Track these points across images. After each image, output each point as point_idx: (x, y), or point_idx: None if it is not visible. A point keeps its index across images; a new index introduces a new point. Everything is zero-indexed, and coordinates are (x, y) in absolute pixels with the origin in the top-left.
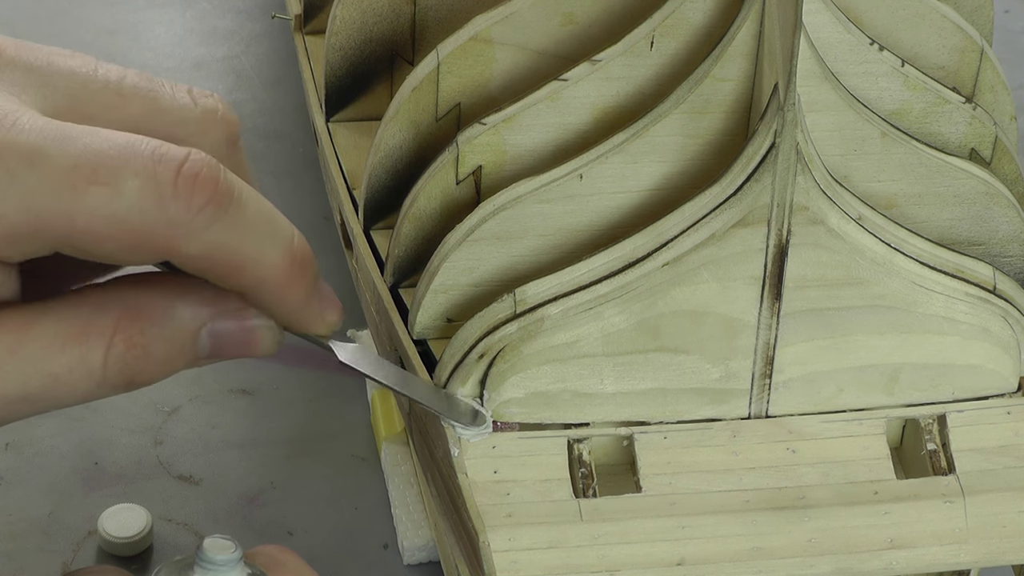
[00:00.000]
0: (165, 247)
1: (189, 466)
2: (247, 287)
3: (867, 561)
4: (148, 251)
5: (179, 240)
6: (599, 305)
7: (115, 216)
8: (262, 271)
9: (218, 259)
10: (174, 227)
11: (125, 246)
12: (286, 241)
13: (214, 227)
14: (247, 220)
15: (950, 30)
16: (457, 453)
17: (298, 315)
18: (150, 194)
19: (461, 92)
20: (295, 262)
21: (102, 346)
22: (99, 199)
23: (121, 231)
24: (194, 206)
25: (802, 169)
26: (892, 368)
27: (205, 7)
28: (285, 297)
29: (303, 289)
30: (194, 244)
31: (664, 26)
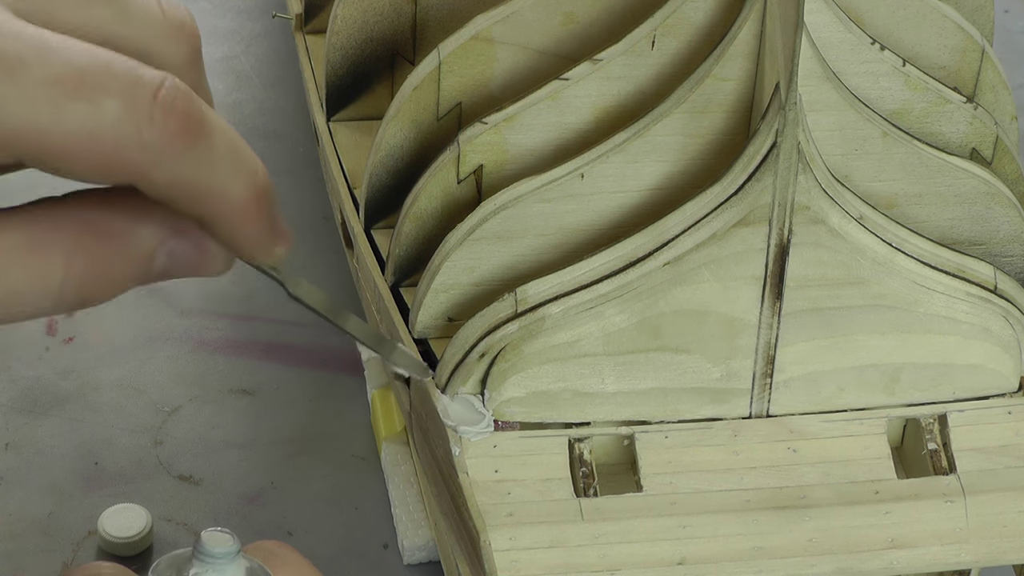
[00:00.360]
0: (135, 172)
1: (189, 466)
2: (207, 217)
3: (868, 561)
4: (116, 174)
5: (149, 166)
6: (600, 304)
7: (90, 136)
8: (225, 203)
9: (183, 189)
10: (146, 153)
11: (95, 167)
12: (251, 175)
13: (183, 157)
14: (215, 153)
15: (951, 30)
16: (458, 452)
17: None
18: (127, 117)
19: (462, 91)
20: (258, 196)
21: (62, 262)
22: (77, 117)
23: (94, 152)
24: (167, 134)
25: (803, 168)
26: (893, 368)
27: (205, 6)
28: (244, 229)
29: (262, 222)
30: (163, 172)
31: (665, 25)
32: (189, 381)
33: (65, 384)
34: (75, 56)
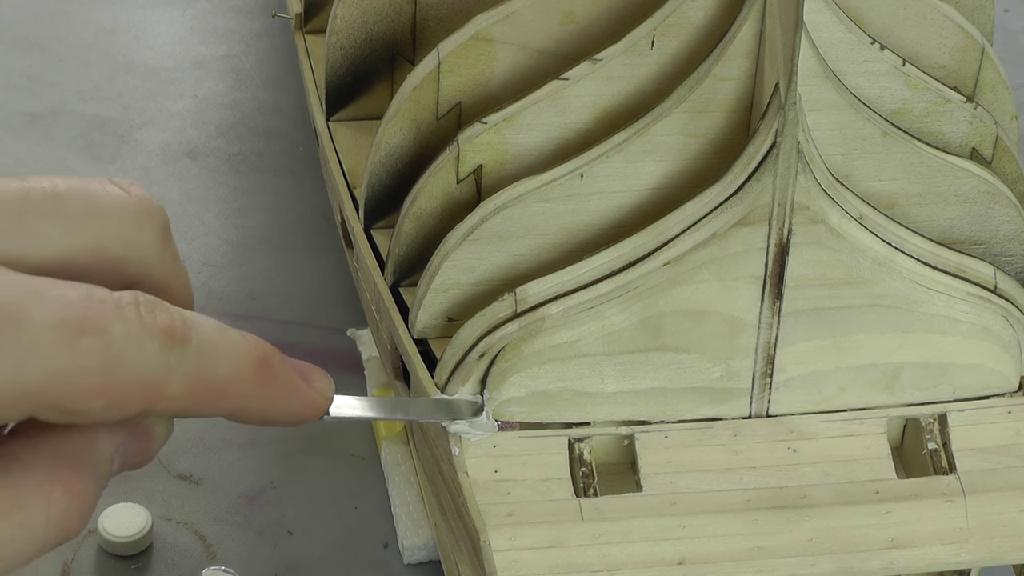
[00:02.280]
0: (152, 393)
1: (189, 465)
2: (232, 409)
3: (868, 560)
4: (135, 401)
5: (162, 383)
6: (600, 304)
7: (106, 368)
8: (239, 386)
9: (198, 391)
10: (155, 369)
11: (114, 399)
12: (244, 346)
13: (186, 361)
14: (208, 343)
15: (951, 29)
16: (458, 452)
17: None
18: (130, 339)
19: (462, 91)
20: (261, 362)
21: (43, 505)
22: (91, 352)
23: (113, 383)
24: (164, 345)
25: (803, 168)
26: (893, 367)
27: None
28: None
29: (280, 382)
30: (176, 383)
31: (665, 25)
32: None
33: None
34: (66, 291)
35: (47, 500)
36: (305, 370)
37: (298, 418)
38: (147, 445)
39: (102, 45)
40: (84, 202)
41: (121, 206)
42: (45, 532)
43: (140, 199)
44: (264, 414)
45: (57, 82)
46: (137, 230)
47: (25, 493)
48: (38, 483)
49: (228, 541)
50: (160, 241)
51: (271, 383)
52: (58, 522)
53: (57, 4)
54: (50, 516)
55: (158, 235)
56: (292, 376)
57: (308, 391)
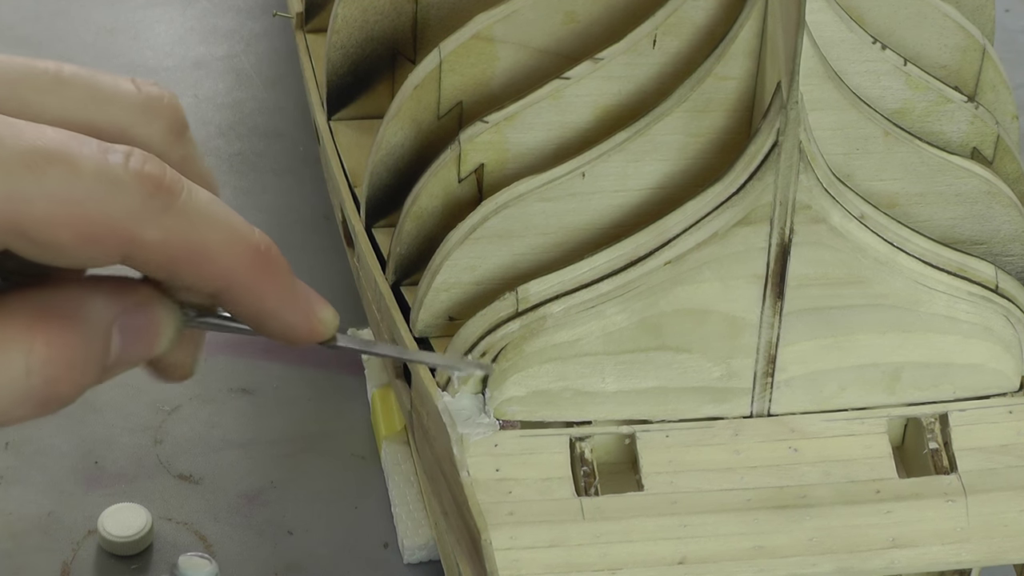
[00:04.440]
0: (124, 233)
1: (189, 465)
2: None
3: (869, 560)
4: (106, 239)
5: (137, 224)
6: (601, 304)
7: (74, 200)
8: (226, 260)
9: (178, 246)
10: (131, 210)
11: (82, 232)
12: (245, 229)
13: (169, 212)
14: (200, 206)
15: (952, 29)
16: (459, 451)
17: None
18: (105, 177)
19: (463, 90)
20: (260, 249)
21: (22, 350)
22: (57, 180)
23: (79, 214)
24: (145, 190)
25: (805, 168)
26: (894, 367)
27: (205, 6)
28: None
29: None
30: (152, 229)
31: (666, 24)
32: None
33: None
34: (47, 132)
35: (26, 348)
36: (313, 295)
37: (291, 330)
38: (151, 328)
39: (102, 45)
40: (87, 88)
41: (126, 97)
42: (27, 381)
43: (148, 94)
44: (255, 307)
45: None
46: (140, 122)
47: (3, 336)
48: (18, 329)
49: (228, 541)
50: (168, 136)
51: (268, 277)
52: (40, 372)
53: (57, 4)
54: (30, 366)
55: (165, 131)
56: (297, 285)
57: (308, 310)
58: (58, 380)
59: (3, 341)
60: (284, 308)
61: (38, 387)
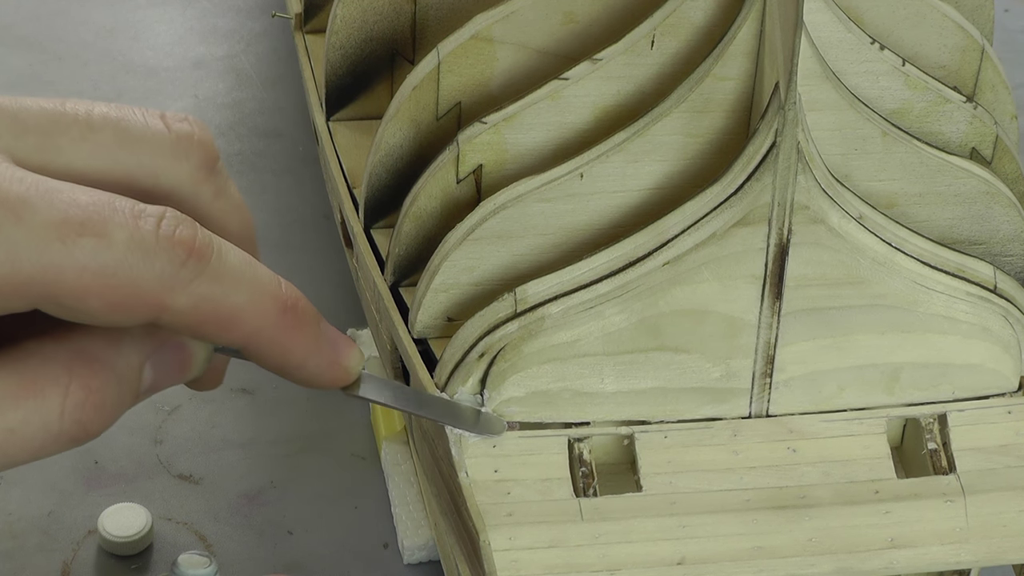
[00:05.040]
0: (154, 302)
1: (189, 465)
2: (245, 343)
3: (868, 560)
4: (136, 307)
5: (167, 294)
6: (600, 304)
7: (104, 269)
8: (254, 320)
9: (207, 312)
10: (161, 280)
11: (112, 302)
12: (272, 287)
13: (199, 279)
14: (230, 269)
15: (951, 29)
16: (457, 452)
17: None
18: (137, 246)
19: (462, 91)
20: (287, 306)
21: (59, 395)
22: (89, 251)
23: (110, 285)
24: (177, 258)
25: (803, 168)
26: (893, 367)
27: (205, 6)
28: (287, 345)
29: (304, 334)
30: (181, 297)
31: (665, 25)
32: None
33: None
34: (79, 195)
35: (63, 390)
36: (339, 340)
37: (314, 380)
38: (183, 361)
39: (102, 45)
40: (116, 132)
41: (156, 138)
42: (60, 423)
43: (178, 135)
44: (279, 361)
45: (56, 82)
46: (172, 164)
47: (41, 381)
48: (56, 374)
49: (228, 541)
50: (199, 175)
51: (294, 332)
52: (73, 415)
53: (57, 4)
54: (65, 407)
55: (197, 169)
56: (321, 336)
57: (333, 358)
58: (90, 421)
59: (41, 385)
60: (309, 360)
61: (69, 428)
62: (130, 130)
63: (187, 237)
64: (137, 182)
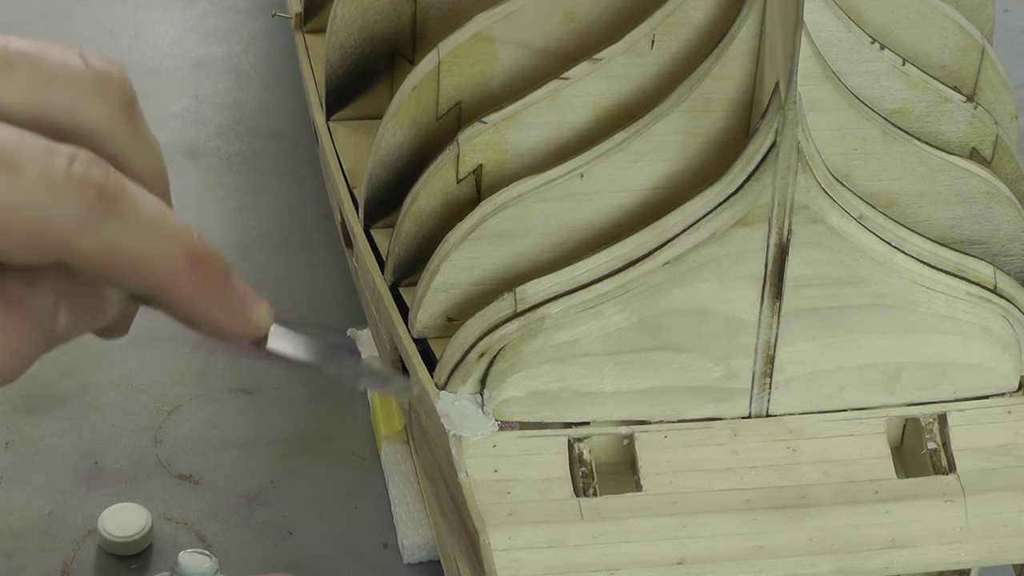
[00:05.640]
0: (61, 242)
1: (189, 465)
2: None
3: (868, 560)
4: (43, 246)
5: (74, 235)
6: (600, 304)
7: (14, 204)
8: (164, 268)
9: (116, 256)
10: (69, 220)
11: (22, 238)
12: (184, 236)
13: (109, 222)
14: (141, 214)
15: (951, 29)
16: (457, 452)
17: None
18: (47, 184)
19: (462, 90)
20: (198, 256)
21: None
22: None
23: (20, 221)
24: (87, 199)
25: (803, 168)
26: (893, 367)
27: (205, 6)
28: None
29: (214, 289)
30: (90, 239)
31: (665, 25)
32: (189, 380)
33: (65, 383)
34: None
35: None
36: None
37: (223, 333)
38: (98, 306)
39: (102, 44)
40: (33, 69)
41: (74, 76)
42: None
43: (97, 71)
44: (188, 312)
45: None
46: (90, 102)
47: None
48: None
49: (228, 541)
50: (116, 115)
51: (204, 283)
52: None
53: (58, 4)
54: None
55: (114, 109)
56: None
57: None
58: (5, 364)
59: None
60: (215, 311)
61: None
62: (47, 67)
63: (98, 178)
64: (53, 120)
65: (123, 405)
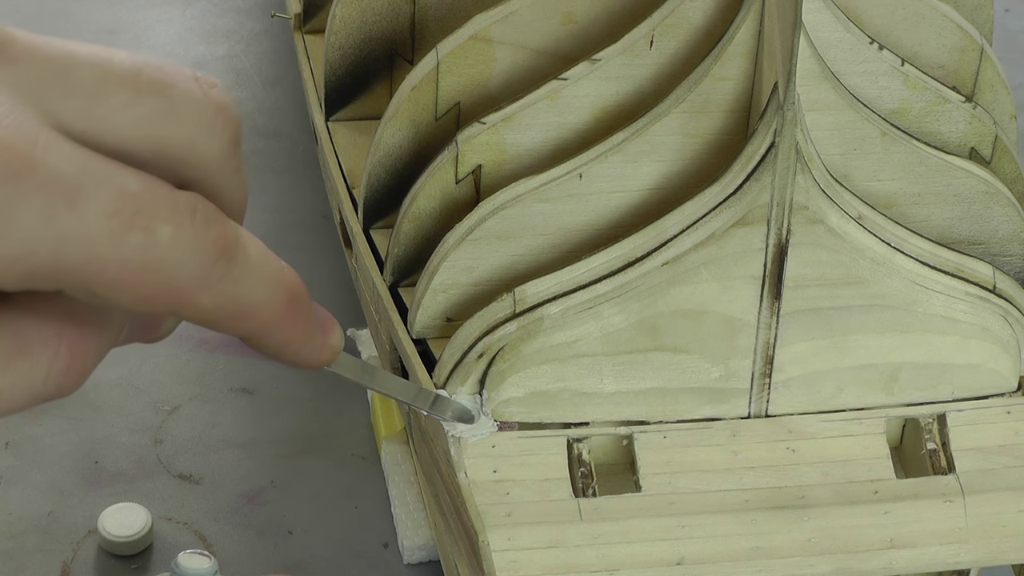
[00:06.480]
0: (182, 300)
1: (189, 465)
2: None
3: (867, 560)
4: (163, 303)
5: (196, 293)
6: (598, 304)
7: (146, 266)
8: (265, 315)
9: (227, 310)
10: (193, 279)
11: (144, 297)
12: (282, 280)
13: (226, 278)
14: (251, 267)
15: (950, 29)
16: (456, 452)
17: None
18: (178, 245)
19: (460, 91)
20: (292, 300)
21: (48, 358)
22: (135, 247)
23: (147, 282)
24: (210, 258)
25: (802, 168)
26: (892, 367)
27: (205, 6)
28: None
29: (303, 324)
30: (208, 297)
31: (664, 25)
32: (189, 380)
33: None
34: (128, 182)
35: (52, 354)
36: (325, 319)
37: (305, 362)
38: (155, 327)
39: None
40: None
41: (197, 108)
42: (43, 385)
43: (216, 104)
44: (278, 349)
45: None
46: (207, 136)
47: (32, 343)
48: (46, 337)
49: (228, 541)
50: (227, 150)
51: (296, 322)
52: (57, 379)
53: (58, 4)
54: (51, 371)
55: (227, 144)
56: (314, 321)
57: (323, 341)
58: (69, 386)
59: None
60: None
61: (49, 391)
62: (175, 99)
63: (219, 235)
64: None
65: (123, 405)
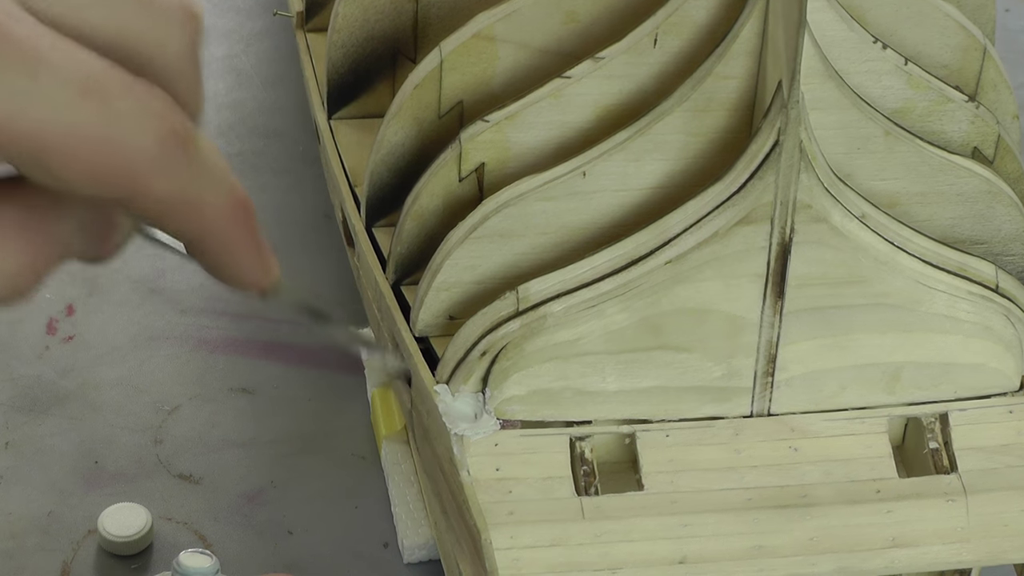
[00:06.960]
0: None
1: (189, 465)
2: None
3: (869, 560)
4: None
5: (152, 176)
6: (602, 303)
7: (105, 141)
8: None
9: (178, 201)
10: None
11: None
12: (234, 186)
13: (179, 165)
14: (205, 164)
15: (953, 29)
16: (459, 451)
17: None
18: (134, 119)
19: (464, 89)
20: (242, 206)
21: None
22: (92, 116)
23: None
24: (163, 138)
25: (805, 167)
26: (894, 366)
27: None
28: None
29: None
30: (161, 183)
31: (667, 23)
32: (189, 380)
33: (65, 383)
34: (91, 62)
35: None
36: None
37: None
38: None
39: None
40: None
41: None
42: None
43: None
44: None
45: None
46: (170, 33)
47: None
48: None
49: (228, 541)
50: (188, 48)
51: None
52: (8, 277)
53: None
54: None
55: (188, 42)
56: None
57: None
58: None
59: None
60: (242, 257)
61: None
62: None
63: (176, 122)
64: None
65: (123, 405)
